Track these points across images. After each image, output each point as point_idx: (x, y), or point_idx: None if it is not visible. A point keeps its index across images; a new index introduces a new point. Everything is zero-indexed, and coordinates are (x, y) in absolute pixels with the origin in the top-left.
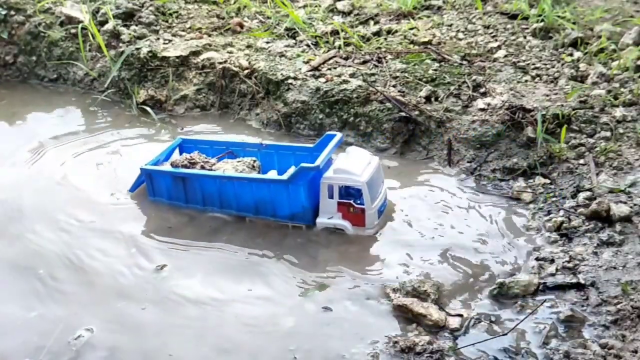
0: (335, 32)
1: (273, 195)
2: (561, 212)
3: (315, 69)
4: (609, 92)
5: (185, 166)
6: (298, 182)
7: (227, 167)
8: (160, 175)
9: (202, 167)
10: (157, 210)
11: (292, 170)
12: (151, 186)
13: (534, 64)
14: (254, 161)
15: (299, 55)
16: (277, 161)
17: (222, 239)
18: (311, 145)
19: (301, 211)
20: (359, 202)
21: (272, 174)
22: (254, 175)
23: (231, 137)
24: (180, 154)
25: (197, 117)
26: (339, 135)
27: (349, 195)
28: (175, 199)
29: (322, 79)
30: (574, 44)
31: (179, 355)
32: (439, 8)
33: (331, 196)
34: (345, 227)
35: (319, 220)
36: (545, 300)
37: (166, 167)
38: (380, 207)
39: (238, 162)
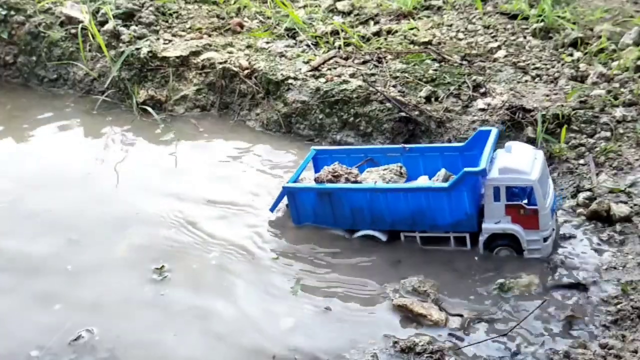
0: (335, 32)
1: (432, 204)
2: (561, 212)
3: (316, 69)
4: (609, 92)
5: (330, 180)
6: (461, 188)
7: (374, 177)
8: (304, 193)
9: (347, 180)
10: None
11: (442, 173)
12: (295, 208)
13: (534, 64)
14: (401, 167)
15: (299, 56)
16: (423, 164)
17: None
18: (461, 144)
19: (464, 218)
20: (529, 202)
21: (423, 180)
22: (410, 185)
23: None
24: (315, 166)
25: (197, 117)
26: (495, 130)
27: (515, 196)
28: (322, 220)
29: (322, 79)
30: (574, 44)
31: (180, 355)
32: (439, 8)
33: (498, 199)
34: (516, 231)
35: (485, 225)
36: (545, 300)
37: (308, 183)
38: (552, 206)
39: (384, 170)
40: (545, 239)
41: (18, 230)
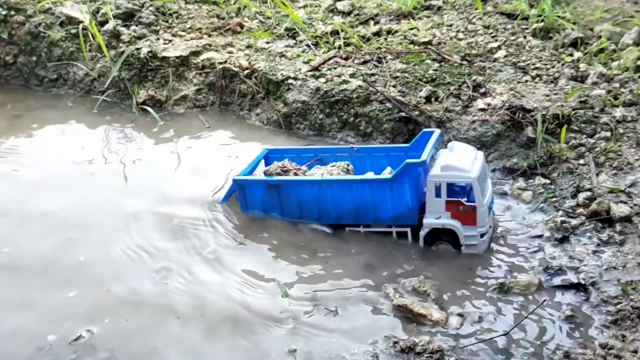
0: (335, 32)
1: (375, 197)
2: (561, 212)
3: (316, 69)
4: (609, 92)
5: (278, 174)
6: (403, 179)
7: (322, 173)
8: (254, 185)
9: (295, 175)
10: None
11: (388, 171)
12: (244, 199)
13: (534, 64)
14: (348, 165)
15: (299, 56)
16: (370, 164)
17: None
18: (407, 145)
19: (406, 211)
20: (468, 199)
21: (369, 175)
22: (355, 177)
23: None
24: (267, 165)
25: (196, 117)
26: (437, 131)
27: (455, 193)
28: (270, 210)
29: (322, 79)
30: (574, 44)
31: (180, 355)
32: (439, 8)
33: (439, 195)
34: (454, 227)
35: (426, 220)
36: (545, 300)
37: (258, 176)
38: (489, 204)
39: (332, 166)
40: (482, 235)
41: (17, 229)
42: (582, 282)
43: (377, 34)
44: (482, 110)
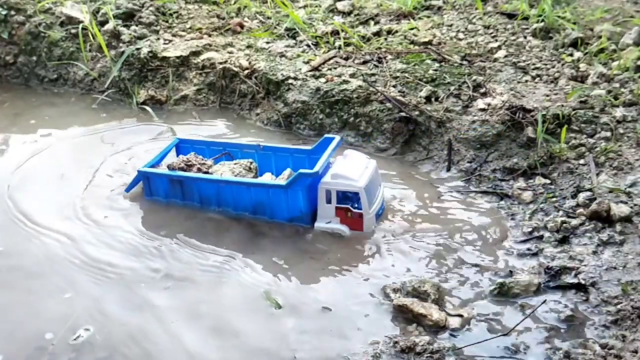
0: (335, 32)
1: (272, 199)
2: (561, 212)
3: (316, 69)
4: (609, 92)
5: (182, 169)
6: (296, 187)
7: (224, 170)
8: (158, 178)
9: (199, 170)
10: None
11: (287, 172)
12: (148, 187)
13: (534, 64)
14: (251, 163)
15: (299, 56)
16: (275, 163)
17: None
18: (309, 148)
19: (299, 215)
20: (356, 206)
21: (268, 177)
22: (252, 180)
23: (228, 138)
24: (177, 154)
25: (196, 117)
26: (337, 138)
27: (347, 200)
28: (172, 198)
29: (323, 79)
30: (574, 44)
31: (180, 355)
32: (439, 8)
33: (329, 201)
34: (343, 231)
35: (317, 224)
36: (545, 300)
37: (163, 169)
38: (378, 211)
39: (235, 164)
40: None
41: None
42: (582, 282)
43: (377, 34)
44: (482, 110)
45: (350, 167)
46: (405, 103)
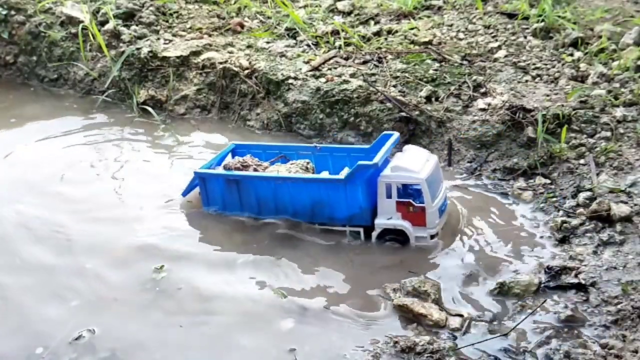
0: (335, 32)
1: (330, 196)
2: (561, 212)
3: (316, 69)
4: (609, 92)
5: (237, 169)
6: (355, 181)
7: (281, 170)
8: (214, 179)
9: (255, 170)
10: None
11: (345, 170)
12: (205, 194)
13: (534, 64)
14: (307, 163)
15: (299, 55)
16: (332, 163)
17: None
18: (367, 146)
19: (359, 212)
20: (418, 200)
21: (324, 174)
22: (310, 175)
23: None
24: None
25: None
26: (395, 134)
27: (408, 195)
28: (230, 204)
29: (323, 79)
30: (575, 44)
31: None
32: (440, 8)
33: (389, 196)
34: (405, 227)
35: (377, 221)
36: (545, 300)
37: (219, 170)
38: (441, 206)
39: (291, 164)
40: (432, 236)
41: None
42: (582, 282)
43: (378, 33)
44: (483, 110)
45: (410, 159)
46: (405, 103)
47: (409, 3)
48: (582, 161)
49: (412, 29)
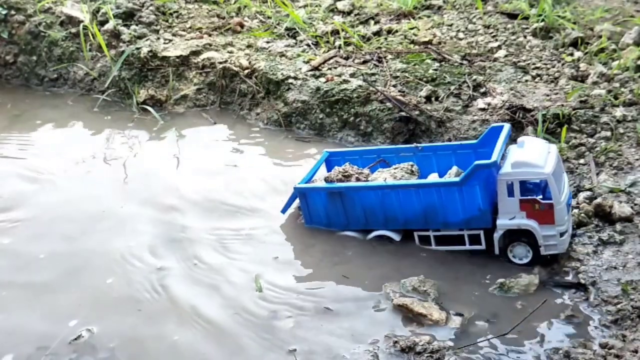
0: (335, 32)
1: (444, 200)
2: None
3: (316, 68)
4: (609, 92)
5: (340, 180)
6: (472, 182)
7: (385, 176)
8: (315, 193)
9: (358, 180)
10: None
11: (454, 170)
12: (307, 209)
13: (534, 64)
14: (412, 166)
15: (299, 55)
16: (436, 163)
17: None
18: (474, 142)
19: (478, 214)
20: (544, 196)
21: (434, 177)
22: (422, 181)
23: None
24: (328, 168)
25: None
26: (507, 126)
27: (529, 191)
28: (334, 220)
29: (323, 79)
30: (575, 43)
31: (180, 355)
32: (440, 8)
33: (511, 194)
34: (532, 227)
35: (499, 222)
36: (545, 300)
37: (319, 183)
38: (567, 200)
39: (395, 169)
40: (562, 234)
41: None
42: (582, 281)
43: (378, 33)
44: (483, 109)
45: (531, 153)
46: (405, 102)
47: (409, 3)
48: (582, 161)
49: (412, 28)
